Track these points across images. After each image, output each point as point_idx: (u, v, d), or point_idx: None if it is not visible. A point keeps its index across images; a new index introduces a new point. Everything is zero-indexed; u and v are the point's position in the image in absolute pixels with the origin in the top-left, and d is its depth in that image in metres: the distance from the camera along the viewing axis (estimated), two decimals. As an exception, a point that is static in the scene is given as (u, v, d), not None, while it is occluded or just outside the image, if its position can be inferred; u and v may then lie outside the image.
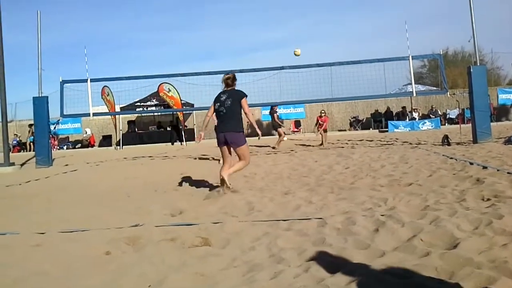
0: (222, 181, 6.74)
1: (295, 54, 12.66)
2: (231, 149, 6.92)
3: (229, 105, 6.74)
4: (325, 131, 17.84)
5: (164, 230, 4.49)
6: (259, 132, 7.29)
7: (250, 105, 7.20)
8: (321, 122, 17.91)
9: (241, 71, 14.12)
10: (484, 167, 7.57)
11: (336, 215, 4.77)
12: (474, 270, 2.87)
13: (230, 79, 6.95)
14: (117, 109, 26.11)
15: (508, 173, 6.73)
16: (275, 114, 17.67)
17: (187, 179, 8.94)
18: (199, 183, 8.27)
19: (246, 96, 6.91)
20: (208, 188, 7.37)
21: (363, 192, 6.25)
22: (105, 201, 6.94)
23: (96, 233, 4.63)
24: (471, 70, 13.23)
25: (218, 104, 6.86)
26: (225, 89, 6.96)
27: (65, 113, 14.76)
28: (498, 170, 7.11)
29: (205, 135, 25.35)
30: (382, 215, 4.54)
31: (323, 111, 18.53)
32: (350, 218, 4.54)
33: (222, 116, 6.81)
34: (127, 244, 4.17)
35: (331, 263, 3.27)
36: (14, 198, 7.88)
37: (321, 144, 17.60)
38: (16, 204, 7.12)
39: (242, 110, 6.84)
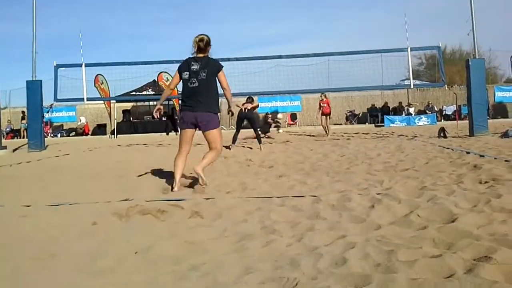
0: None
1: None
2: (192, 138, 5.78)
3: (204, 78, 5.43)
4: (327, 115, 17.61)
5: (154, 205, 4.37)
6: (233, 111, 6.02)
7: (242, 95, 6.25)
8: (322, 105, 17.65)
9: (237, 59, 13.98)
10: (481, 156, 7.48)
11: (331, 193, 4.67)
12: (473, 242, 2.77)
13: (205, 43, 5.52)
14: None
15: (505, 160, 6.64)
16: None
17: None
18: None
19: (223, 67, 5.65)
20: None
21: (358, 175, 6.15)
22: (97, 180, 6.82)
23: (84, 206, 4.51)
24: (470, 63, 13.15)
25: (187, 74, 5.50)
26: (196, 55, 5.59)
27: (58, 97, 14.56)
28: (495, 158, 7.02)
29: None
30: (378, 194, 4.45)
31: (323, 94, 18.08)
32: (345, 195, 4.44)
33: (191, 91, 5.48)
34: (115, 216, 4.05)
35: (325, 234, 3.17)
36: (4, 178, 7.74)
37: (326, 133, 17.50)
38: (5, 183, 6.98)
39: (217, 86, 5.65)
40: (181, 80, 5.62)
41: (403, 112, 28.58)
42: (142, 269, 2.66)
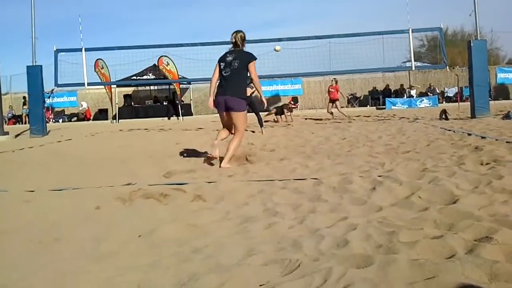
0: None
1: (276, 50, 12.66)
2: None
3: (235, 67, 6.04)
4: (334, 101, 17.19)
5: (157, 189, 4.40)
6: (265, 101, 6.73)
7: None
8: (331, 90, 17.30)
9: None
10: (483, 137, 7.48)
11: (332, 176, 4.68)
12: (474, 222, 2.79)
13: (240, 38, 6.16)
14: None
15: (507, 142, 6.64)
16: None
17: (183, 148, 8.85)
18: (195, 151, 8.18)
19: (256, 59, 6.18)
20: (203, 157, 7.27)
21: (360, 158, 6.16)
22: (99, 165, 6.84)
23: (87, 191, 4.53)
24: (472, 44, 13.07)
25: (223, 64, 6.14)
26: (232, 48, 6.24)
27: (59, 82, 14.53)
28: (496, 140, 7.02)
29: (201, 110, 25.40)
30: (379, 176, 4.46)
31: (334, 79, 17.80)
32: (346, 178, 4.46)
33: (225, 79, 6.14)
34: (118, 200, 4.07)
35: (327, 216, 3.19)
36: (6, 163, 7.76)
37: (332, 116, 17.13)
38: (8, 169, 7.00)
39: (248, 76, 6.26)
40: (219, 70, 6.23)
41: (405, 95, 28.51)
42: (146, 252, 2.69)
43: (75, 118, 29.90)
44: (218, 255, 2.53)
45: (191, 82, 27.82)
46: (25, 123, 26.06)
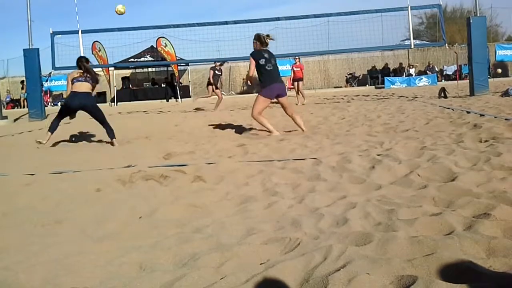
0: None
1: (119, 12, 11.81)
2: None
3: (274, 63, 7.41)
4: (299, 80, 15.64)
5: (157, 170, 4.41)
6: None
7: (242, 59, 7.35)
8: (295, 69, 15.66)
9: (235, 22, 13.81)
10: (481, 115, 7.48)
11: (331, 155, 4.70)
12: (472, 199, 2.81)
13: (270, 38, 7.54)
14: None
15: (506, 119, 6.65)
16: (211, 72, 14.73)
17: (182, 129, 8.85)
18: (194, 132, 8.19)
19: None
20: (201, 137, 7.28)
21: (359, 137, 6.17)
22: (99, 148, 6.86)
23: (87, 173, 4.55)
24: (471, 21, 12.97)
25: (263, 60, 7.25)
26: (263, 48, 7.46)
27: (57, 65, 14.44)
28: (495, 117, 7.02)
29: (200, 92, 25.27)
30: (378, 155, 4.47)
31: (297, 58, 16.19)
32: (345, 157, 4.47)
33: (271, 71, 7.30)
34: (118, 182, 4.09)
35: (326, 195, 3.21)
36: (6, 147, 7.77)
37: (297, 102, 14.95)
38: (7, 153, 7.01)
39: None
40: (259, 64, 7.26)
41: (404, 73, 28.39)
42: (147, 233, 2.71)
43: (73, 102, 29.74)
44: (219, 235, 2.55)
45: (189, 64, 27.66)
46: (24, 107, 25.95)
